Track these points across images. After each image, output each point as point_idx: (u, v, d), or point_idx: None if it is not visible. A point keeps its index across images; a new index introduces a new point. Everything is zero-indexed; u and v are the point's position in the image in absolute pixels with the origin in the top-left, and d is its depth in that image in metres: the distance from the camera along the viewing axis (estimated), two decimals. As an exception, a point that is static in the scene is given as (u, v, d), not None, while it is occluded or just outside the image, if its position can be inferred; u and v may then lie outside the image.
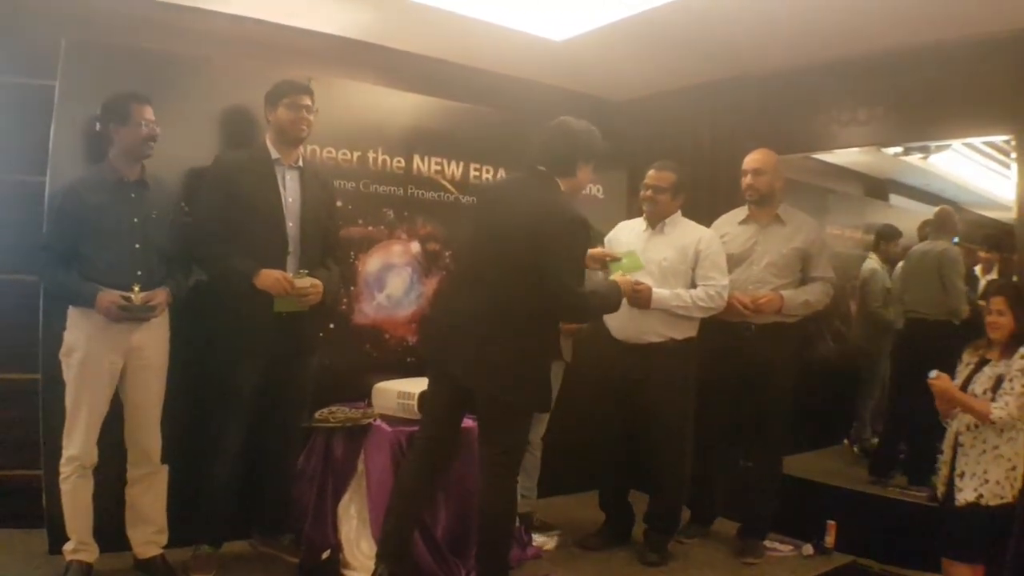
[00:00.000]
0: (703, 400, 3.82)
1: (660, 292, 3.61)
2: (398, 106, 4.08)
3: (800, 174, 4.60)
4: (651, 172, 3.81)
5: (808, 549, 3.93)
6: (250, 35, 4.05)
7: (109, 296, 3.01)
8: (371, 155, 3.93)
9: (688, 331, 3.73)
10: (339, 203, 3.71)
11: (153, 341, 3.20)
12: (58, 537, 3.27)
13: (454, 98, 4.27)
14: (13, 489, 3.60)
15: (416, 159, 4.06)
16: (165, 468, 3.30)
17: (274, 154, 3.38)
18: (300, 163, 3.44)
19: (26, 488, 3.47)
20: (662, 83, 4.80)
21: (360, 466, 3.46)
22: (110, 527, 3.22)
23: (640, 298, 3.58)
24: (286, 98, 3.34)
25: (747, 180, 3.88)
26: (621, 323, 3.72)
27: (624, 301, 3.40)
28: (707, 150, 4.67)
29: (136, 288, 3.06)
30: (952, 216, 4.75)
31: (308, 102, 3.37)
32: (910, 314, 4.65)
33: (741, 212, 3.97)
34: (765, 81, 4.48)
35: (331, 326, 3.61)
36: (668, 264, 3.70)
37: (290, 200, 3.36)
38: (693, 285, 3.71)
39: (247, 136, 3.59)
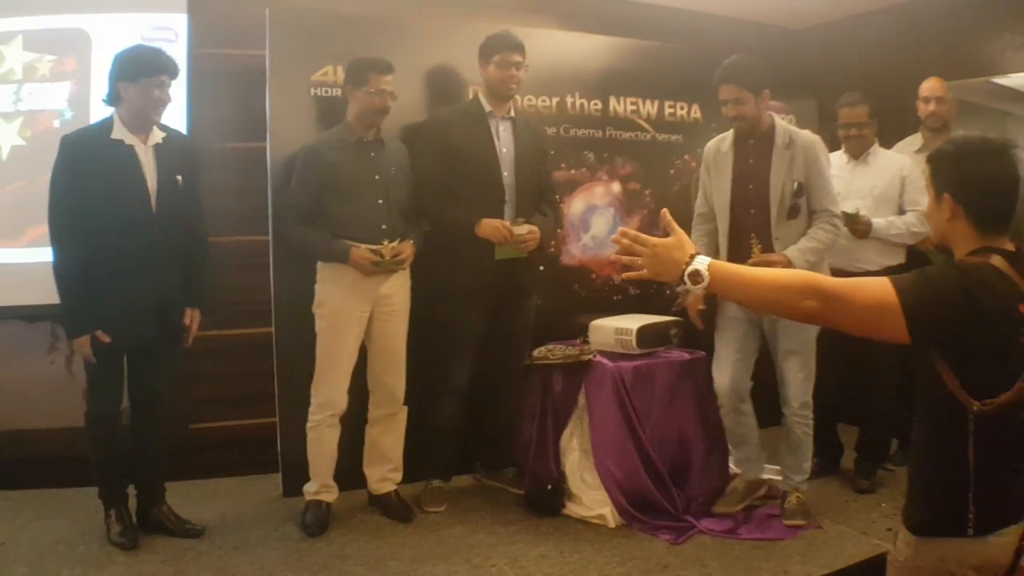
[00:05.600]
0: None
1: (877, 222, 3.61)
2: (592, 50, 4.14)
3: (978, 97, 4.49)
4: (844, 111, 3.78)
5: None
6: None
7: (362, 252, 3.18)
8: (569, 100, 4.02)
9: (899, 257, 3.72)
10: (549, 149, 3.82)
11: (399, 289, 3.38)
12: (292, 481, 3.52)
13: (642, 37, 4.29)
14: (250, 438, 3.88)
15: (612, 100, 4.12)
16: (405, 408, 3.48)
17: (487, 106, 3.49)
18: (512, 114, 3.55)
19: (261, 436, 3.74)
20: (842, 8, 4.72)
21: (580, 400, 3.58)
22: (343, 466, 3.41)
23: (860, 229, 3.59)
24: (497, 55, 3.43)
25: (931, 107, 3.85)
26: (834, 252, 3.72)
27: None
28: (889, 75, 4.57)
29: (385, 242, 3.23)
30: None
31: (518, 59, 3.44)
32: None
33: (916, 140, 3.93)
34: (944, 4, 4.37)
35: (541, 268, 3.71)
36: (879, 192, 3.70)
37: (504, 150, 3.48)
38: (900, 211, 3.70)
39: (449, 91, 3.73)
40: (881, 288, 1.55)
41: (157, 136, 3.06)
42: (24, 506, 3.52)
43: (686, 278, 1.62)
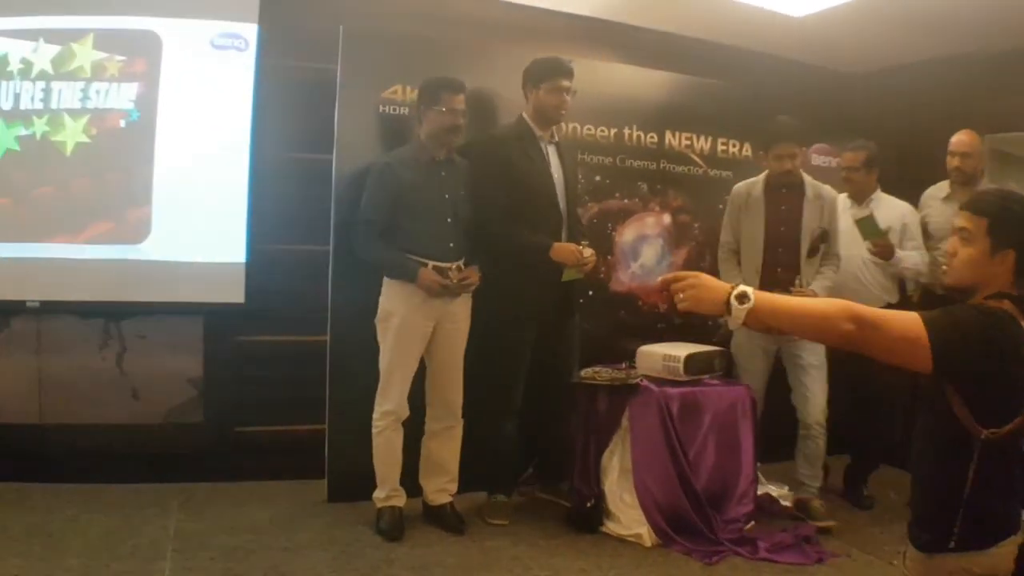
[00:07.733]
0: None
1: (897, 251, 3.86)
2: (651, 84, 4.26)
3: (1019, 149, 4.60)
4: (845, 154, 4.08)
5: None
6: (508, 19, 4.31)
7: (431, 275, 3.28)
8: (626, 131, 4.14)
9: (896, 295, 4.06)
10: (597, 177, 3.98)
11: (463, 307, 3.48)
12: (338, 487, 3.61)
13: (699, 74, 4.40)
14: (298, 443, 3.91)
15: (668, 134, 4.24)
16: (462, 422, 3.55)
17: (536, 131, 3.56)
18: (555, 138, 3.64)
19: (306, 443, 3.79)
20: (895, 57, 4.82)
21: (624, 422, 3.65)
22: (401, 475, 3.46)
23: (888, 249, 3.84)
24: (548, 81, 3.48)
25: (955, 162, 3.96)
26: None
27: None
28: (936, 124, 4.65)
29: (453, 266, 3.35)
30: None
31: (568, 84, 3.49)
32: None
33: (943, 188, 4.05)
34: (992, 58, 4.47)
35: (590, 293, 3.81)
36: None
37: (555, 176, 3.57)
38: None
39: (515, 116, 3.78)
40: (912, 322, 1.68)
41: None
42: (70, 500, 3.55)
43: (733, 299, 1.65)
